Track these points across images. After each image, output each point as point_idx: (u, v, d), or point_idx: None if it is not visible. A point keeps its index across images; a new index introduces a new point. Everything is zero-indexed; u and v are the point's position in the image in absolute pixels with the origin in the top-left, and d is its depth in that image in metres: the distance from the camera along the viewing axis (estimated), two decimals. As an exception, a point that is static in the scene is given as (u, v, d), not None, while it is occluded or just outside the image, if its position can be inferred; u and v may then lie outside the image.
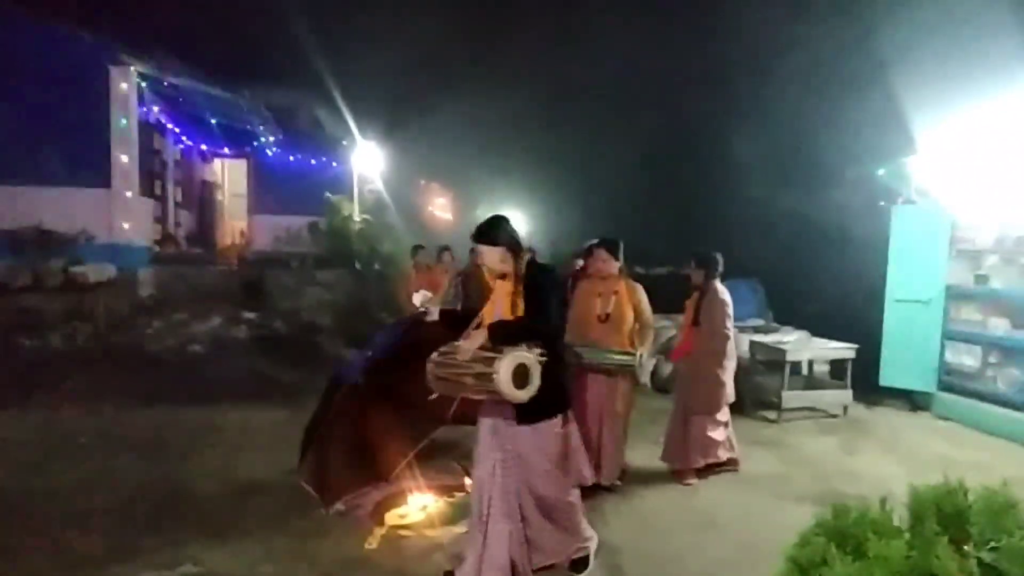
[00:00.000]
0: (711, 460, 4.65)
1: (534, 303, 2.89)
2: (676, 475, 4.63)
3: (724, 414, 4.70)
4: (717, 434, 4.65)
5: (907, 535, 1.16)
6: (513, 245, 3.01)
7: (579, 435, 3.20)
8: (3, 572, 3.10)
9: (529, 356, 2.79)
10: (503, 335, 2.84)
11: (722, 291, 4.55)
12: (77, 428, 5.44)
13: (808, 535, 1.25)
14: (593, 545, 3.27)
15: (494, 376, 2.68)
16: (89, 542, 3.41)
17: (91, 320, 8.13)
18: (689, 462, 4.60)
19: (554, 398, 2.94)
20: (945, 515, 1.17)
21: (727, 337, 4.51)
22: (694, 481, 4.56)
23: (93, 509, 3.88)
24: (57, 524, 3.68)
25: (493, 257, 3.01)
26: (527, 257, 3.07)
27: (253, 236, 12.89)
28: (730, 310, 4.53)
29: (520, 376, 2.74)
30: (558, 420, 3.01)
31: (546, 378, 2.83)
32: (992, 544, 1.09)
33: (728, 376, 4.58)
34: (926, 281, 6.52)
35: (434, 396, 3.01)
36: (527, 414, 2.89)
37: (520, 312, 2.91)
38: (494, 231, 3.02)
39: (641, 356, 4.22)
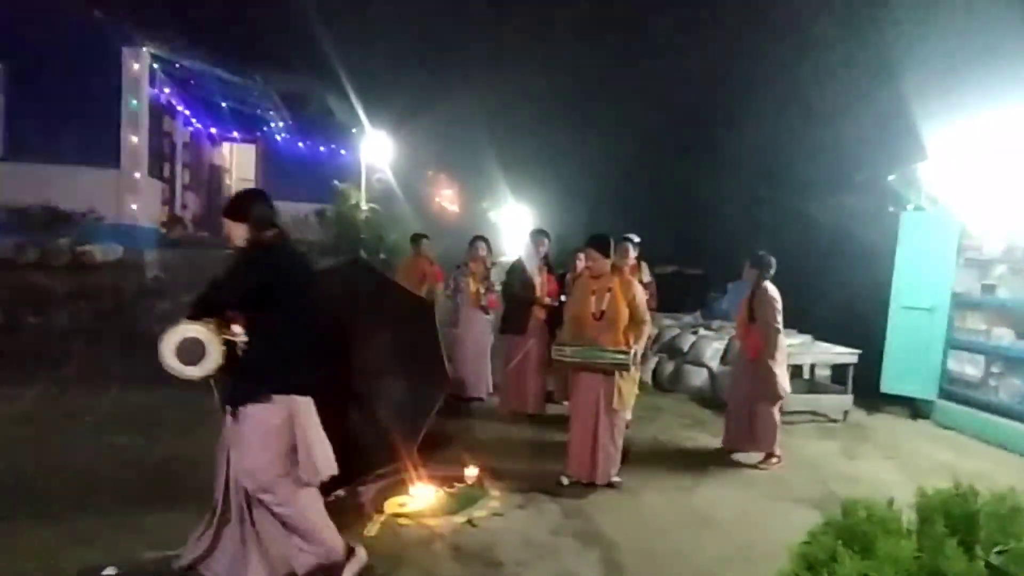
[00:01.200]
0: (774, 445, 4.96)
1: (226, 274, 2.75)
2: (765, 460, 4.94)
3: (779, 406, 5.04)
4: (777, 420, 4.96)
5: (915, 536, 1.17)
6: (260, 223, 2.81)
7: (318, 424, 2.85)
8: (7, 548, 3.13)
9: (202, 329, 2.60)
10: (194, 309, 2.69)
11: (772, 290, 4.93)
12: (81, 406, 5.48)
13: (816, 532, 1.26)
14: (354, 567, 2.88)
15: (162, 349, 2.52)
16: (92, 520, 3.44)
17: (97, 299, 8.17)
18: (762, 446, 4.94)
19: (263, 378, 2.70)
20: (953, 518, 1.18)
21: (778, 331, 4.88)
22: (776, 460, 4.93)
23: (97, 487, 3.92)
24: (61, 501, 3.71)
25: (237, 233, 2.80)
26: (269, 235, 2.83)
27: (260, 221, 12.89)
28: (779, 306, 4.89)
29: (189, 351, 2.57)
30: (272, 404, 2.70)
31: (256, 356, 2.68)
32: (1000, 548, 1.10)
33: (779, 368, 4.90)
34: (932, 289, 6.50)
35: None
36: (231, 396, 2.70)
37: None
38: (242, 206, 2.83)
39: (636, 353, 4.24)
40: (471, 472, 4.29)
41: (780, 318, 4.85)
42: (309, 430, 2.79)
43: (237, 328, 2.71)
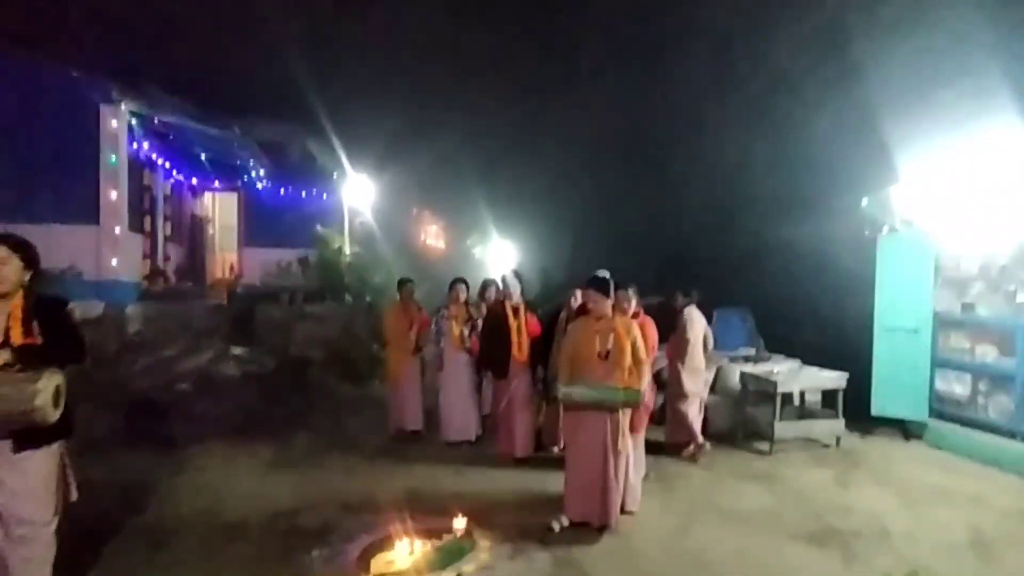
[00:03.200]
0: None
1: (60, 330, 2.92)
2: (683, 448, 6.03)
3: None
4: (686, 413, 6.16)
5: None
6: (33, 261, 2.93)
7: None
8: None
9: (62, 379, 2.85)
10: (38, 358, 2.79)
11: (689, 313, 6.25)
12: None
13: None
14: None
15: (36, 394, 2.68)
16: None
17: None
18: (676, 437, 6.19)
19: (65, 423, 2.92)
20: None
21: (687, 342, 6.17)
22: (692, 449, 6.03)
23: (65, 557, 3.77)
24: None
25: (16, 277, 2.85)
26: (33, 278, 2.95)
27: (243, 269, 12.85)
28: (691, 326, 6.19)
29: (57, 397, 2.80)
30: (60, 444, 2.98)
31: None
32: None
33: (684, 372, 6.18)
34: (914, 309, 6.55)
35: None
36: (35, 437, 2.82)
37: (31, 334, 2.82)
38: (35, 250, 2.93)
39: (641, 392, 4.22)
40: (459, 523, 4.18)
41: (690, 334, 6.09)
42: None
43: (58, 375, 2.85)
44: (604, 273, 4.53)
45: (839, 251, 7.97)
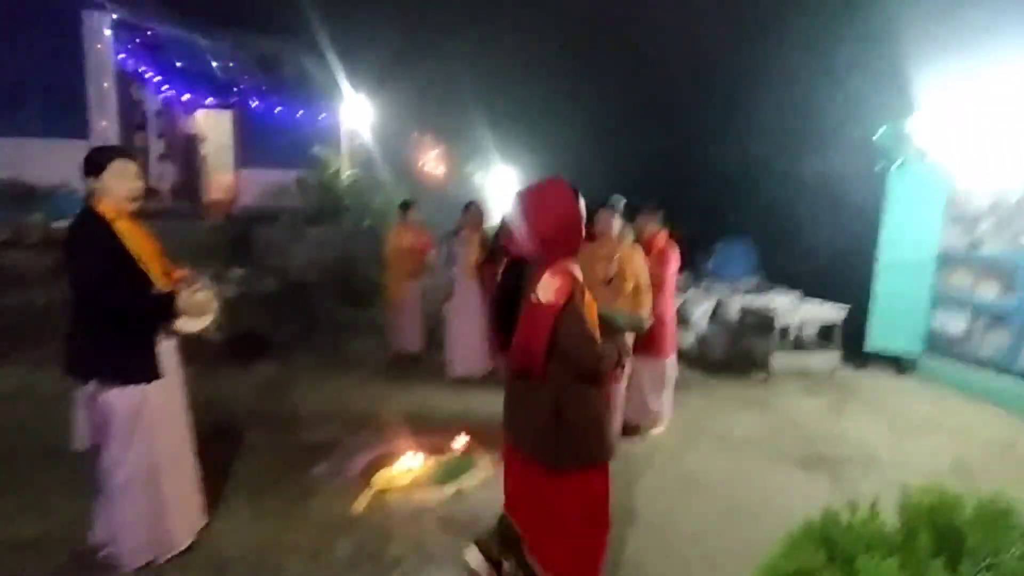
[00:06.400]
0: None
1: None
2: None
3: None
4: None
5: (898, 551, 1.10)
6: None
7: None
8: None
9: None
10: None
11: None
12: (59, 387, 5.37)
13: (797, 540, 1.18)
14: None
15: None
16: (74, 505, 3.37)
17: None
18: None
19: None
20: (939, 528, 1.11)
21: None
22: None
23: (77, 472, 3.86)
24: (41, 486, 3.67)
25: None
26: None
27: (240, 190, 12.61)
28: None
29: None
30: None
31: None
32: (988, 561, 1.04)
33: None
34: (919, 245, 6.48)
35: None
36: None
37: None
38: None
39: (645, 317, 4.22)
40: (460, 441, 4.28)
41: None
42: None
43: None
44: (617, 199, 4.44)
45: (848, 183, 7.80)
